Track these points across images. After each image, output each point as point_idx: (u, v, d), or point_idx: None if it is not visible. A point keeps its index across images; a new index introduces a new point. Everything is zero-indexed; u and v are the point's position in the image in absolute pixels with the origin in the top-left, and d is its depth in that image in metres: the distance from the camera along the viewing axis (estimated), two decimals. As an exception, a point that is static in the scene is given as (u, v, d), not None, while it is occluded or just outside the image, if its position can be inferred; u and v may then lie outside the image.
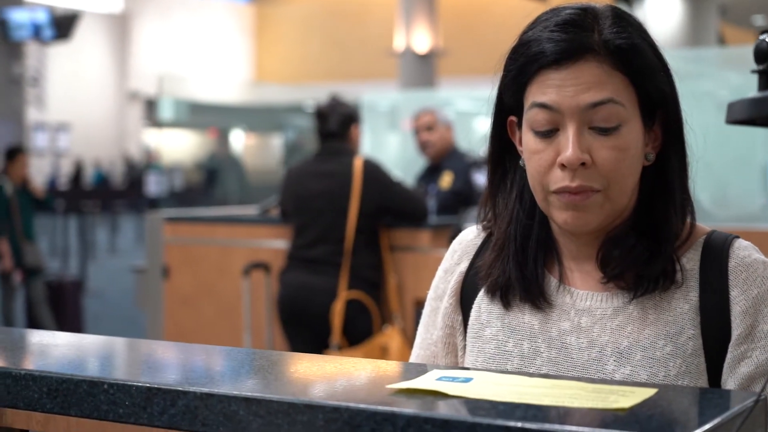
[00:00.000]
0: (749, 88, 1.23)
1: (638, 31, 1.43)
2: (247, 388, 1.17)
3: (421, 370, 1.27)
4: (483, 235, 1.59)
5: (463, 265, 1.59)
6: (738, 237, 1.48)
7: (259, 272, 5.25)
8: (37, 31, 17.68)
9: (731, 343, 1.42)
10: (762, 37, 1.08)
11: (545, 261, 1.51)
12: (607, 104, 1.38)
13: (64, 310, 8.49)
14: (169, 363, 1.39)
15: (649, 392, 1.14)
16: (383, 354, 4.75)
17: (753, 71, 1.08)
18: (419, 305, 4.85)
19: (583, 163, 1.39)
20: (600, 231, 1.46)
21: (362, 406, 1.09)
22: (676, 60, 1.58)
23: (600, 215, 1.42)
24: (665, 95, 1.44)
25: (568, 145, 1.39)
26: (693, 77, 7.05)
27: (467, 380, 1.21)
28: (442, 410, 1.11)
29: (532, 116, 1.42)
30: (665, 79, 1.43)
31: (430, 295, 1.63)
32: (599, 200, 1.40)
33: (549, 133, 1.41)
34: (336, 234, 4.76)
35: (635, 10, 15.71)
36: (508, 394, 1.15)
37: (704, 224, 1.51)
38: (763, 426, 1.14)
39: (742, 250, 1.46)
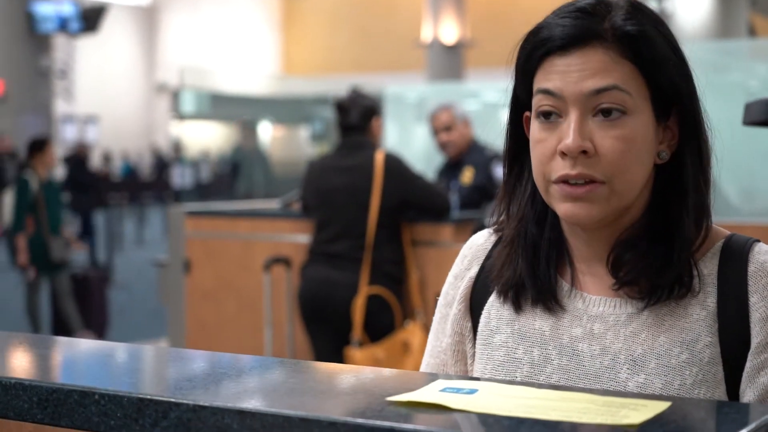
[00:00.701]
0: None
1: (652, 21, 1.38)
2: (242, 400, 1.12)
3: (424, 379, 1.22)
4: (493, 238, 1.54)
5: (473, 271, 1.54)
6: (758, 241, 1.43)
7: (280, 267, 5.22)
8: (64, 24, 17.75)
9: (751, 351, 1.36)
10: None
11: (557, 263, 1.46)
12: (611, 91, 1.34)
13: (90, 303, 8.49)
14: (163, 372, 1.35)
15: (662, 406, 1.09)
16: (405, 350, 4.71)
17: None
18: (441, 301, 4.80)
19: (585, 152, 1.34)
20: (610, 231, 1.41)
21: (360, 420, 1.04)
22: (705, 52, 1.52)
23: (605, 208, 1.36)
24: (679, 90, 1.38)
25: (569, 132, 1.34)
26: (723, 69, 6.96)
27: (472, 391, 1.16)
28: (444, 425, 1.06)
29: (536, 102, 1.38)
30: (679, 72, 1.38)
31: (440, 302, 1.59)
32: (603, 192, 1.35)
33: (552, 121, 1.37)
34: (358, 229, 4.72)
35: (665, 2, 15.57)
36: (515, 408, 1.10)
37: (730, 218, 1.46)
38: (784, 441, 1.09)
39: (763, 254, 1.40)
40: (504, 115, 1.49)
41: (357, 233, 4.72)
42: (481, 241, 1.56)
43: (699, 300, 1.38)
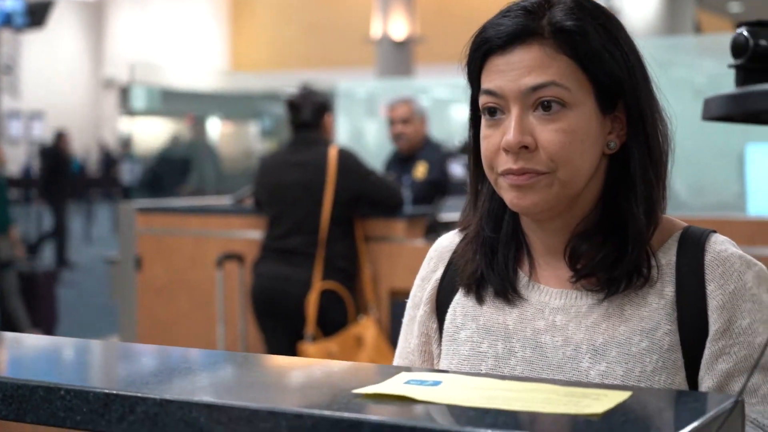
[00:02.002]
0: (726, 76, 1.20)
1: (593, 16, 1.41)
2: (208, 394, 1.13)
3: (388, 372, 1.23)
4: (458, 239, 1.57)
5: (439, 272, 1.58)
6: (715, 231, 1.46)
7: (232, 263, 5.21)
8: (10, 19, 17.53)
9: (708, 338, 1.39)
10: (739, 30, 1.04)
11: (517, 256, 1.49)
12: (549, 87, 1.37)
13: (38, 301, 8.40)
14: (128, 367, 1.35)
15: (623, 395, 1.11)
16: (358, 344, 4.72)
17: (730, 66, 1.04)
18: (394, 295, 4.82)
19: (526, 147, 1.37)
20: (563, 223, 1.44)
21: (326, 412, 1.05)
22: (652, 48, 1.55)
23: (547, 196, 1.39)
24: (621, 82, 1.40)
25: (509, 129, 1.38)
26: (669, 65, 7.05)
27: (436, 383, 1.18)
28: (410, 417, 1.07)
29: (482, 101, 1.42)
30: (621, 65, 1.40)
31: (408, 304, 1.62)
32: (545, 181, 1.38)
33: (496, 117, 1.40)
34: (310, 224, 4.72)
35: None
36: (478, 399, 1.11)
37: (679, 213, 1.49)
38: (740, 429, 1.12)
39: (719, 244, 1.43)
40: (453, 111, 1.52)
41: (310, 229, 4.72)
42: (446, 243, 1.60)
43: (658, 289, 1.41)
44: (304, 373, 1.27)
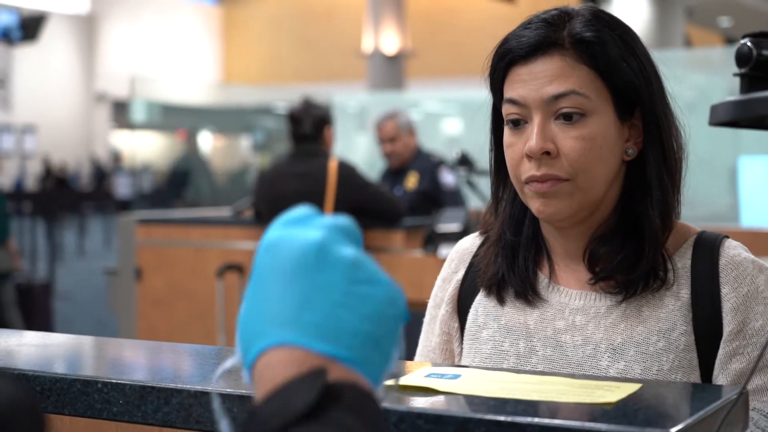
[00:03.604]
0: (715, 90, 1.26)
1: (610, 27, 1.47)
2: (241, 385, 1.19)
3: (410, 367, 1.29)
4: (479, 241, 1.63)
5: (460, 273, 1.63)
6: (727, 237, 1.53)
7: (232, 274, 5.25)
8: (2, 33, 17.57)
9: (723, 339, 1.46)
10: (743, 41, 1.11)
11: (536, 259, 1.55)
12: (569, 95, 1.43)
13: (34, 312, 8.43)
14: (160, 361, 1.40)
15: (635, 387, 1.17)
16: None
17: (735, 74, 1.11)
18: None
19: (548, 153, 1.44)
20: (584, 228, 1.50)
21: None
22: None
23: (571, 204, 1.45)
24: (638, 90, 1.47)
25: (532, 136, 1.44)
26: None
27: (456, 377, 1.24)
28: (434, 406, 1.13)
29: (505, 111, 1.48)
30: (636, 74, 1.46)
31: (430, 303, 1.67)
32: (568, 189, 1.44)
33: (520, 127, 1.47)
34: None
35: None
36: (498, 390, 1.17)
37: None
38: (745, 418, 1.18)
39: (732, 248, 1.50)
40: (444, 125, 1.58)
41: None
42: (467, 245, 1.65)
43: (674, 292, 1.48)
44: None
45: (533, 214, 1.50)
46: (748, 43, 1.11)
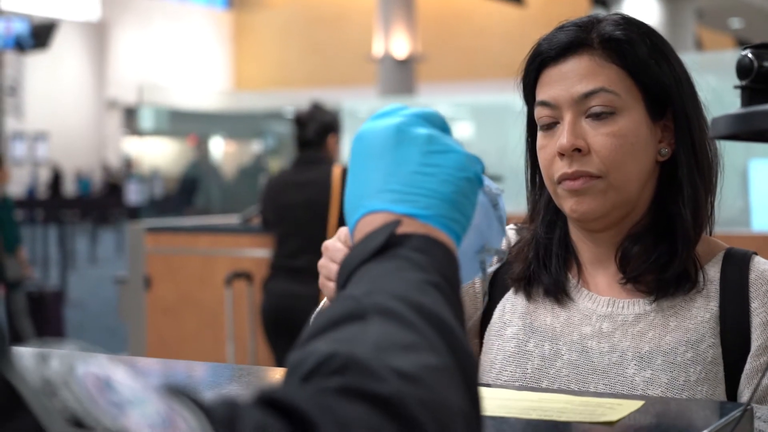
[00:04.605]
0: (728, 92, 1.24)
1: (639, 28, 1.49)
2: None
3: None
4: (513, 239, 1.61)
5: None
6: (756, 253, 1.52)
7: (241, 282, 5.25)
8: (14, 41, 17.62)
9: (750, 354, 1.45)
10: (744, 52, 1.09)
11: (566, 264, 1.54)
12: (598, 93, 1.45)
13: (45, 320, 8.44)
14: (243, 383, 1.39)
15: (636, 405, 1.15)
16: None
17: (736, 87, 1.09)
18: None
19: (579, 150, 1.44)
20: (616, 232, 1.50)
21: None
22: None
23: (604, 202, 1.45)
24: (668, 90, 1.48)
25: (563, 133, 1.45)
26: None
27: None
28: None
29: (537, 114, 1.50)
30: (666, 74, 1.47)
31: None
32: (600, 186, 1.44)
33: (552, 127, 1.48)
34: (317, 243, 4.70)
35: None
36: (496, 409, 1.16)
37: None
38: (749, 435, 1.16)
39: (763, 264, 1.50)
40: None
41: (317, 247, 4.68)
42: None
43: (703, 303, 1.47)
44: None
45: (566, 218, 1.51)
46: (749, 55, 1.09)
